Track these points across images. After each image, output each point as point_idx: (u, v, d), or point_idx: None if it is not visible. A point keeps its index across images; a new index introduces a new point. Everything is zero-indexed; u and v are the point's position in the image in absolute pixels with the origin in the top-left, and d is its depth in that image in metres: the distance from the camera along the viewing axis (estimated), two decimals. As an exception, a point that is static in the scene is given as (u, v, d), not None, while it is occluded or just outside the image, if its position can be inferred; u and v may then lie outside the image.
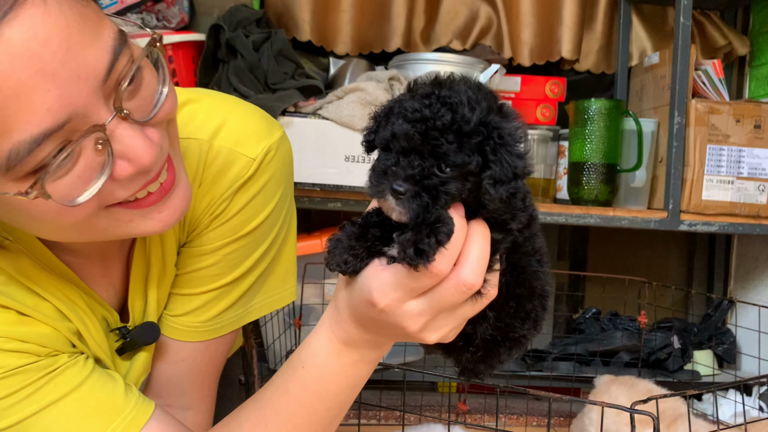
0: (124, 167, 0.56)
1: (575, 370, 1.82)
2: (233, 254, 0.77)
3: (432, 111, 0.50)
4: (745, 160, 1.71)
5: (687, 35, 1.68)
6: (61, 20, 0.50)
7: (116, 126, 0.55)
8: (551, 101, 1.94)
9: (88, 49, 0.52)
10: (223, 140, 0.74)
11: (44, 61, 0.49)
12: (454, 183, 0.51)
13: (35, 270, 0.67)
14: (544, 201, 1.78)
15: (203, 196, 0.74)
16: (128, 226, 0.61)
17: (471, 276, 0.54)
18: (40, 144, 0.51)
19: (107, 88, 0.54)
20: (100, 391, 0.68)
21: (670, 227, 1.69)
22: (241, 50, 1.56)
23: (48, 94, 0.50)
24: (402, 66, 1.75)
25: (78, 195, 0.55)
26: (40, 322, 0.66)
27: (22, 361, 0.64)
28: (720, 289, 2.12)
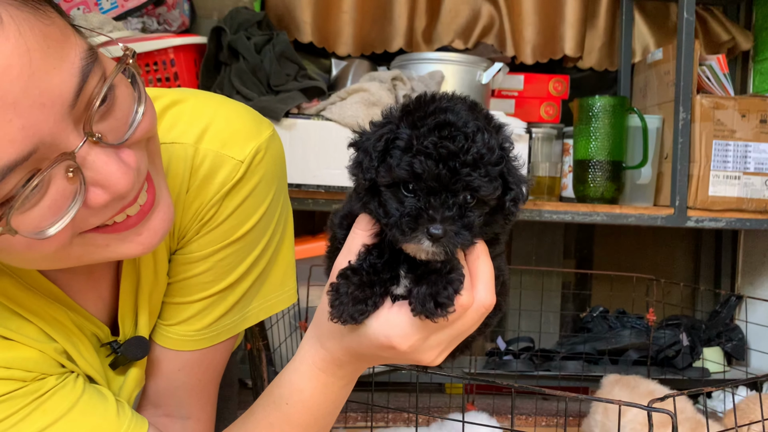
0: (98, 195, 0.53)
1: (584, 369, 1.80)
2: (225, 260, 0.74)
3: (457, 145, 0.48)
4: (752, 155, 1.70)
5: (691, 30, 1.67)
6: (21, 45, 0.46)
7: (88, 152, 0.51)
8: (555, 99, 1.93)
9: (52, 73, 0.48)
10: (209, 143, 0.71)
11: (3, 91, 0.45)
12: (477, 211, 0.51)
13: (17, 290, 0.64)
14: (549, 199, 1.77)
15: (191, 202, 0.72)
16: (105, 250, 0.58)
17: (488, 298, 0.55)
18: (5, 177, 0.47)
19: (77, 112, 0.50)
20: (92, 413, 0.66)
21: (677, 224, 1.68)
22: (243, 52, 1.55)
23: (9, 125, 0.46)
24: (404, 66, 1.74)
25: (48, 226, 0.51)
26: (25, 346, 0.63)
27: (8, 388, 0.61)
28: (727, 285, 2.10)
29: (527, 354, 1.89)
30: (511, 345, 1.92)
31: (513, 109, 1.92)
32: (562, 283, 2.10)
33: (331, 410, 0.64)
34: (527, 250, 2.09)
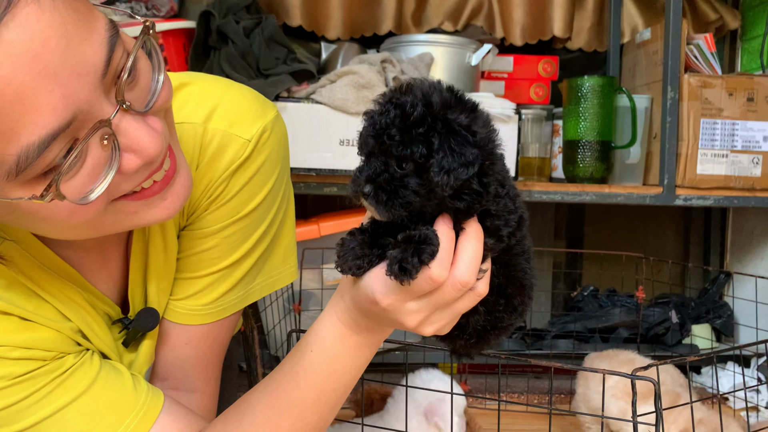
0: (131, 160, 0.56)
1: (575, 347, 1.83)
2: (233, 236, 0.77)
3: (391, 116, 0.52)
4: (739, 134, 1.71)
5: (678, 10, 1.67)
6: (57, 17, 0.49)
7: (120, 119, 0.54)
8: (544, 80, 1.94)
9: (84, 44, 0.51)
10: (217, 123, 0.74)
11: (45, 61, 0.48)
12: (413, 178, 0.53)
13: (34, 270, 0.66)
14: (539, 180, 1.79)
15: (200, 179, 0.74)
16: (134, 217, 0.61)
17: (465, 275, 0.57)
18: (49, 145, 0.50)
19: (107, 82, 0.53)
20: (111, 388, 0.68)
21: (665, 202, 1.69)
22: (232, 37, 1.55)
23: (52, 94, 0.49)
24: (394, 49, 1.74)
25: (89, 192, 0.55)
26: (43, 326, 0.66)
27: (29, 368, 0.64)
28: (716, 263, 2.13)
29: (519, 333, 1.91)
30: (503, 325, 1.94)
31: (503, 91, 1.92)
32: (552, 263, 2.12)
33: (348, 368, 0.65)
34: (518, 231, 2.11)
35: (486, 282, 0.60)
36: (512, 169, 1.58)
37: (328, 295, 1.75)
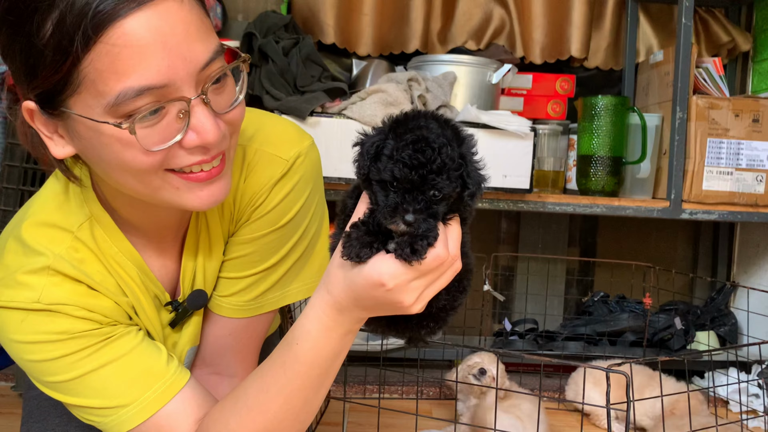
0: (192, 138, 0.69)
1: (584, 349, 1.94)
2: (270, 243, 0.90)
3: (425, 157, 0.64)
4: (744, 153, 1.81)
5: (688, 35, 1.78)
6: (187, 17, 0.67)
7: (197, 105, 0.69)
8: (561, 97, 2.05)
9: (197, 44, 0.67)
10: (261, 145, 0.89)
11: (167, 38, 0.65)
12: (443, 203, 0.67)
13: (107, 245, 0.81)
14: (553, 192, 1.90)
15: (246, 189, 0.88)
16: (174, 193, 0.73)
17: (454, 250, 0.69)
18: (141, 94, 0.65)
19: (200, 77, 0.68)
20: (147, 358, 0.81)
21: (672, 216, 1.80)
22: (272, 56, 1.70)
23: (161, 60, 0.65)
24: (420, 67, 1.88)
25: (154, 145, 0.68)
26: (105, 296, 0.80)
27: (87, 327, 0.78)
28: (723, 274, 2.23)
29: (532, 335, 2.04)
30: (517, 326, 2.07)
31: (522, 107, 2.05)
32: (566, 270, 2.24)
33: (331, 356, 0.75)
34: (534, 239, 2.23)
35: (460, 260, 0.72)
36: (527, 180, 1.70)
37: (354, 294, 1.89)
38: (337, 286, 0.71)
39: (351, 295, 0.70)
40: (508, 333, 2.03)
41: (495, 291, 1.88)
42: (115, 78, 0.64)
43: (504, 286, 2.24)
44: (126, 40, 0.63)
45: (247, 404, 0.78)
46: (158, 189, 0.72)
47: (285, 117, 0.94)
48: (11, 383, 1.76)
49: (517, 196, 1.74)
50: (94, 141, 0.69)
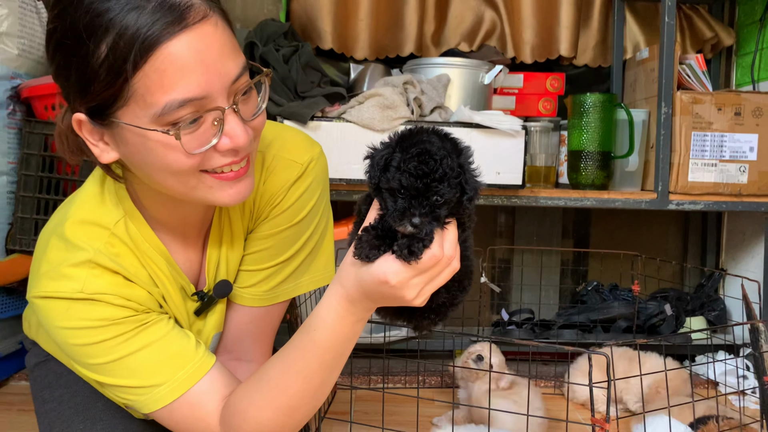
0: (226, 142, 0.79)
1: (578, 336, 2.03)
2: (286, 239, 1.00)
3: (429, 167, 0.73)
4: (727, 145, 1.89)
5: (672, 33, 1.86)
6: (221, 38, 0.76)
7: (229, 114, 0.78)
8: (551, 95, 2.13)
9: (229, 61, 0.77)
10: (279, 151, 0.99)
11: (205, 56, 0.74)
12: (445, 207, 0.76)
13: (140, 241, 0.91)
14: (545, 186, 1.98)
15: (266, 190, 0.99)
16: (208, 191, 0.83)
17: (451, 251, 0.78)
18: (184, 105, 0.74)
19: (231, 90, 0.78)
20: (178, 343, 0.89)
21: (659, 207, 1.89)
22: (273, 64, 1.78)
23: (200, 76, 0.74)
24: (415, 70, 1.96)
25: (195, 148, 0.78)
26: (139, 287, 0.89)
27: (124, 314, 0.86)
28: (713, 261, 2.31)
29: (528, 324, 2.12)
30: (514, 316, 2.15)
31: (514, 105, 2.13)
32: (561, 261, 2.32)
33: (344, 340, 0.84)
34: (529, 231, 2.31)
35: (458, 259, 0.80)
36: (519, 176, 1.78)
37: (357, 289, 1.98)
38: (349, 281, 0.79)
39: (360, 290, 0.79)
40: (506, 323, 2.12)
41: (492, 283, 1.96)
42: (162, 92, 0.74)
43: (501, 278, 2.32)
44: (171, 59, 0.73)
45: (269, 384, 0.86)
46: (194, 188, 0.82)
47: (296, 128, 1.04)
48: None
49: (511, 191, 1.82)
50: (140, 146, 0.78)
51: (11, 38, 1.74)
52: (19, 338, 1.90)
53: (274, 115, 1.76)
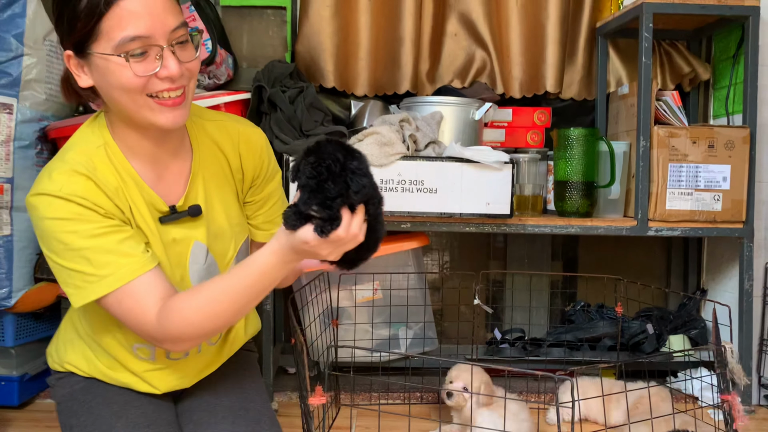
0: (163, 71, 1.07)
1: (566, 354, 2.16)
2: (278, 188, 1.36)
3: (317, 171, 0.97)
4: (702, 175, 2.04)
5: (648, 72, 2.01)
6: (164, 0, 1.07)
7: (167, 52, 1.07)
8: (539, 128, 2.28)
9: (169, 16, 1.06)
10: (238, 125, 1.30)
11: (151, 9, 1.04)
12: (339, 199, 0.98)
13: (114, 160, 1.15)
14: (532, 215, 2.12)
15: (250, 153, 1.28)
16: (150, 112, 1.09)
17: (356, 230, 1.01)
18: (134, 40, 1.04)
19: (171, 37, 1.07)
20: (129, 247, 1.10)
21: (639, 233, 2.03)
22: (279, 105, 1.93)
23: (147, 21, 1.04)
24: (411, 107, 2.11)
25: (141, 72, 1.05)
26: (107, 198, 1.11)
27: (90, 215, 1.09)
28: (694, 281, 2.44)
29: (520, 342, 2.26)
30: (506, 335, 2.29)
31: (504, 137, 2.28)
32: (550, 282, 2.46)
33: (270, 277, 1.07)
34: (520, 254, 2.46)
35: (363, 233, 1.03)
36: (507, 206, 1.92)
37: (360, 311, 2.12)
38: (281, 239, 1.05)
39: (288, 244, 1.04)
40: (498, 341, 2.25)
41: (484, 305, 2.10)
42: (119, 30, 1.04)
43: (494, 299, 2.46)
44: (127, 9, 1.04)
45: (207, 295, 1.09)
46: (141, 107, 1.08)
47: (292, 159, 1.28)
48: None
49: (500, 220, 1.97)
50: (105, 70, 1.07)
51: (39, 84, 1.90)
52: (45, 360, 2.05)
53: (281, 152, 1.91)
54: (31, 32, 1.87)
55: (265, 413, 1.27)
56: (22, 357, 1.97)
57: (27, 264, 1.89)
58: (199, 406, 1.28)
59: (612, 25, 2.24)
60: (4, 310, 1.86)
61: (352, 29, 2.25)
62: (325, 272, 1.99)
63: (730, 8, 2.03)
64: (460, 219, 1.94)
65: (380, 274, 2.14)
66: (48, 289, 1.94)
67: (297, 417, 1.60)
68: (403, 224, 1.95)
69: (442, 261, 2.50)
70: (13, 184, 1.86)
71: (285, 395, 2.06)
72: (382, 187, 1.89)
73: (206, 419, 1.23)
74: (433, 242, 2.48)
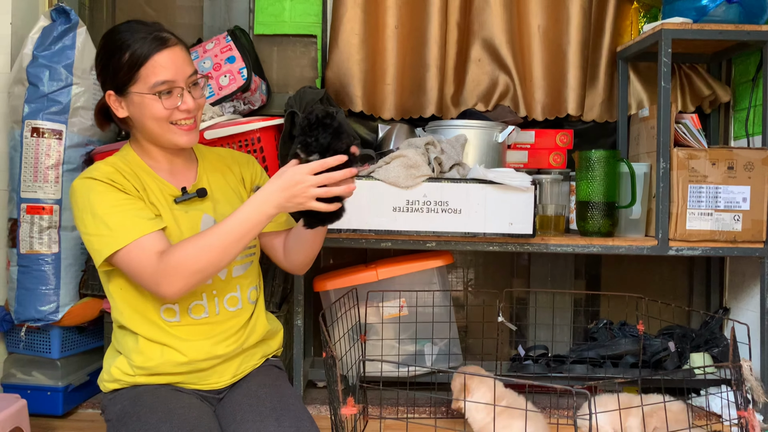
0: (183, 105, 1.38)
1: (589, 371, 2.21)
2: None
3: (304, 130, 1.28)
4: (722, 196, 2.08)
5: (667, 96, 2.07)
6: (183, 55, 1.40)
7: (185, 92, 1.38)
8: (561, 149, 2.35)
9: (186, 66, 1.39)
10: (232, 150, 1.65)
11: (175, 61, 1.37)
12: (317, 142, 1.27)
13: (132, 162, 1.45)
14: (555, 234, 2.18)
15: (244, 167, 1.59)
16: (173, 135, 1.40)
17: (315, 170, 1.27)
18: (164, 83, 1.35)
19: (188, 81, 1.39)
20: (141, 214, 1.35)
21: (659, 252, 2.07)
22: (311, 129, 2.03)
23: (173, 69, 1.37)
24: (436, 130, 2.19)
25: (168, 106, 1.37)
26: (124, 178, 1.40)
27: (110, 189, 1.37)
28: (717, 299, 2.47)
29: (543, 359, 2.31)
30: (530, 352, 2.34)
31: (527, 159, 2.34)
32: (574, 300, 2.51)
33: (244, 230, 1.30)
34: (544, 273, 2.51)
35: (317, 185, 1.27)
36: (530, 226, 1.98)
37: (387, 327, 2.20)
38: (276, 183, 1.28)
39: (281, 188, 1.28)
40: (522, 358, 2.30)
41: (508, 322, 2.16)
42: (153, 76, 1.35)
43: (518, 317, 2.51)
44: (159, 62, 1.36)
45: (200, 243, 1.31)
46: (166, 132, 1.40)
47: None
48: (99, 411, 2.09)
49: (523, 240, 2.03)
50: (140, 104, 1.38)
51: (87, 111, 2.02)
52: (88, 371, 2.15)
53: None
54: (79, 63, 2.00)
55: (305, 414, 1.37)
56: (67, 368, 2.08)
57: (73, 280, 2.01)
58: (241, 407, 1.37)
59: (632, 50, 2.31)
60: (51, 323, 1.98)
61: (379, 56, 2.35)
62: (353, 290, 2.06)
63: (748, 33, 2.09)
64: (483, 238, 2.01)
65: (406, 291, 2.21)
66: (92, 305, 2.05)
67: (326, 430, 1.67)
68: (429, 243, 2.03)
69: (467, 279, 2.57)
70: (62, 206, 1.97)
71: (315, 408, 2.14)
72: (408, 208, 1.97)
73: (251, 417, 1.33)
74: (459, 261, 2.55)
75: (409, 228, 1.98)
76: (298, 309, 2.09)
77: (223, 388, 1.49)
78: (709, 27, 2.09)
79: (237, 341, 1.47)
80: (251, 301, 1.52)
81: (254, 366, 1.55)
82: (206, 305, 1.44)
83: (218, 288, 1.45)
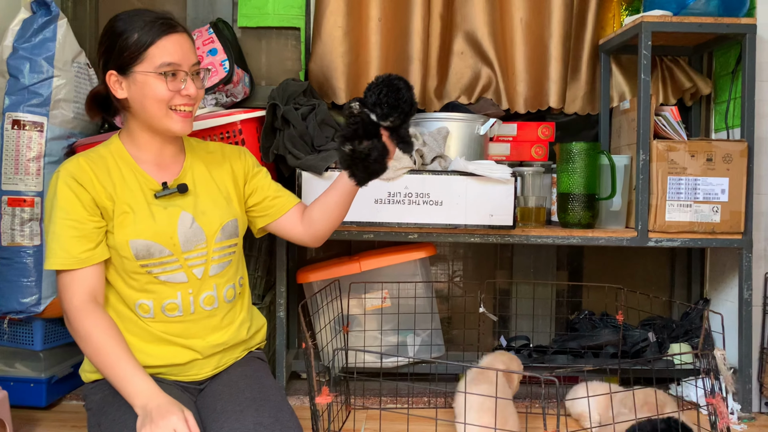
0: (185, 90, 1.42)
1: (569, 361, 2.23)
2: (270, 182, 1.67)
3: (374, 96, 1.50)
4: (701, 188, 2.10)
5: (647, 88, 2.08)
6: (188, 42, 1.45)
7: (188, 77, 1.43)
8: (543, 142, 2.36)
9: (190, 54, 1.44)
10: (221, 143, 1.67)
11: (181, 46, 1.43)
12: None
13: (115, 152, 1.48)
14: (536, 226, 2.19)
15: (235, 160, 1.60)
16: (170, 121, 1.43)
17: None
18: (169, 65, 1.40)
19: (192, 68, 1.44)
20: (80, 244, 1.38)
21: (639, 244, 2.09)
22: (293, 121, 2.04)
23: (178, 54, 1.42)
24: (418, 123, 2.20)
25: (171, 88, 1.41)
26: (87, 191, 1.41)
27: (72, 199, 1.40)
28: (697, 290, 2.50)
29: (526, 350, 2.33)
30: (512, 342, 2.36)
31: (509, 151, 2.36)
32: (556, 292, 2.53)
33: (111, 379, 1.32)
34: (526, 264, 2.53)
35: None
36: (510, 218, 2.00)
37: (370, 318, 2.21)
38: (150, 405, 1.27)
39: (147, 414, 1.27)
40: (504, 348, 2.32)
41: (489, 313, 2.18)
42: (159, 57, 1.40)
43: (501, 308, 2.53)
44: (165, 44, 1.41)
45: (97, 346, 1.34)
46: (164, 115, 1.42)
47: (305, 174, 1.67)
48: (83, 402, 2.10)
49: (504, 231, 2.05)
50: (143, 83, 1.41)
51: (68, 103, 2.02)
52: (71, 363, 2.16)
53: (293, 167, 2.01)
54: (60, 55, 1.99)
55: (285, 404, 1.38)
56: (50, 360, 2.08)
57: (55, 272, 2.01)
58: (221, 397, 1.39)
59: (614, 42, 2.32)
60: (34, 315, 1.98)
61: (362, 49, 2.35)
62: (336, 281, 2.08)
63: (727, 26, 2.10)
64: (465, 230, 2.03)
65: (389, 282, 2.22)
66: (75, 296, 2.05)
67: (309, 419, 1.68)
68: (411, 235, 2.04)
69: (451, 271, 2.59)
70: (43, 198, 1.98)
71: (298, 399, 2.15)
72: (390, 200, 1.99)
73: (230, 407, 1.34)
74: (445, 253, 2.56)
75: (391, 220, 1.99)
76: (281, 301, 2.10)
77: (204, 379, 1.50)
78: (689, 20, 2.10)
79: (215, 340, 1.49)
80: (227, 300, 1.52)
81: (236, 358, 1.56)
82: (180, 304, 1.44)
83: (194, 287, 1.46)
